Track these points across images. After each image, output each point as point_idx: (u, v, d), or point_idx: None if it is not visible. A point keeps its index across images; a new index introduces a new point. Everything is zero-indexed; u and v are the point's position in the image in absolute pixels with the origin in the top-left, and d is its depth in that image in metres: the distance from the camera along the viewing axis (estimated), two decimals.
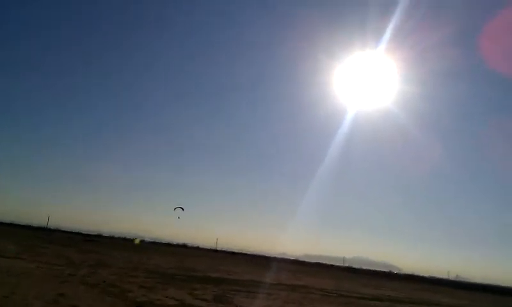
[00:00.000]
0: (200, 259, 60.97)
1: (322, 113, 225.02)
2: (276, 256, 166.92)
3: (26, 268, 19.63)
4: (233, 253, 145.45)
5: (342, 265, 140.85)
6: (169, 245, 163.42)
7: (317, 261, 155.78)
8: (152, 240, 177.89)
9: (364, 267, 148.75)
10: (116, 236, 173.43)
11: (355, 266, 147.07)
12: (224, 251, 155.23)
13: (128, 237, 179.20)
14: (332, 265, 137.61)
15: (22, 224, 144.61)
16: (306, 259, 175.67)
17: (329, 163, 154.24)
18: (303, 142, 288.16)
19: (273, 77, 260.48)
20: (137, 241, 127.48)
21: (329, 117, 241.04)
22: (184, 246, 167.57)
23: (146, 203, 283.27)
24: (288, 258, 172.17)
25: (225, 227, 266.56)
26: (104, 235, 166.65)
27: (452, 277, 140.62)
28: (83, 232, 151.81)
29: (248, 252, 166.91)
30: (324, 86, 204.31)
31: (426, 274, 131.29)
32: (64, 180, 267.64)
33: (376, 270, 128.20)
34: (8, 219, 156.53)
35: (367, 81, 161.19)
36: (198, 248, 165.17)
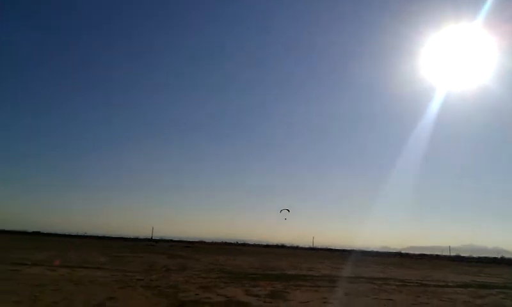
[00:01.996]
0: (289, 258, 60.81)
1: (408, 94, 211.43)
2: (378, 250, 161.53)
3: (96, 276, 20.94)
4: (330, 250, 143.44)
5: (448, 254, 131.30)
6: (267, 246, 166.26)
7: (422, 253, 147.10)
8: (252, 243, 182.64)
9: (474, 255, 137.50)
10: (218, 241, 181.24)
11: (464, 254, 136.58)
12: (321, 249, 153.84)
13: (229, 241, 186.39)
14: (437, 256, 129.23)
15: (129, 237, 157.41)
16: (411, 251, 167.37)
17: (419, 148, 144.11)
18: (387, 127, 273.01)
19: (353, 55, 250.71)
20: None
21: (416, 98, 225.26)
22: (282, 246, 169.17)
23: (246, 208, 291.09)
24: (390, 251, 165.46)
25: (322, 225, 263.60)
26: (205, 241, 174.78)
27: None
28: (185, 240, 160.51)
29: (347, 248, 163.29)
30: (411, 65, 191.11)
31: None
32: (167, 191, 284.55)
33: (486, 257, 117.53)
34: (116, 233, 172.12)
35: (460, 58, 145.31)
36: (296, 247, 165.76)
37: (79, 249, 54.19)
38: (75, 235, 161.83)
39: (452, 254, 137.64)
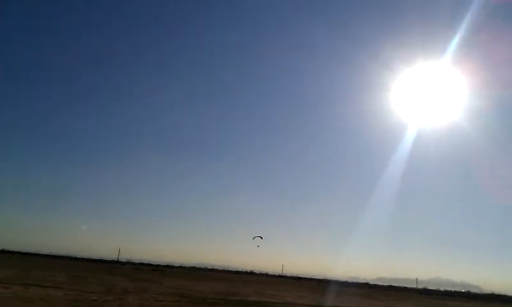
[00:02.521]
0: (255, 285, 60.32)
1: (379, 130, 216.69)
2: (347, 280, 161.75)
3: (50, 295, 20.51)
4: (299, 278, 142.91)
5: (415, 287, 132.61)
6: (236, 272, 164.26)
7: (389, 284, 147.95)
8: (222, 268, 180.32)
9: (442, 288, 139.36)
10: (187, 265, 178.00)
11: (431, 287, 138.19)
12: (290, 277, 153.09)
13: (198, 266, 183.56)
14: (405, 288, 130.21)
15: (93, 258, 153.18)
16: (379, 283, 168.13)
17: (391, 182, 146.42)
18: (360, 162, 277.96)
19: (325, 93, 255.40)
20: None
21: (387, 134, 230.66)
22: (251, 273, 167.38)
23: (217, 233, 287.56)
24: (358, 281, 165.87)
25: (292, 253, 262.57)
26: (174, 265, 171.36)
27: None
28: (153, 263, 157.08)
29: (316, 277, 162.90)
30: (382, 101, 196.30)
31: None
32: (133, 213, 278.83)
33: (451, 291, 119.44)
34: (80, 253, 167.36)
35: (430, 95, 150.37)
36: (265, 274, 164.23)
37: (41, 268, 52.58)
38: (41, 254, 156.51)
39: (420, 286, 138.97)
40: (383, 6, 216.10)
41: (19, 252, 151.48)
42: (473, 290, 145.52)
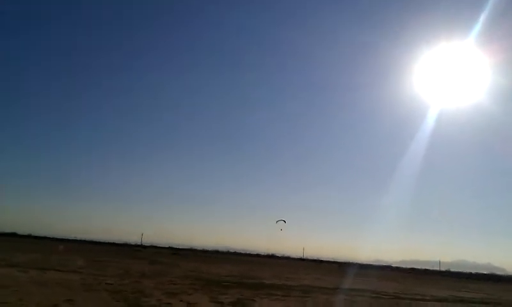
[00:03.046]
0: (275, 268, 60.58)
1: (402, 112, 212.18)
2: (369, 263, 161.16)
3: (66, 279, 20.80)
4: (320, 262, 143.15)
5: (438, 269, 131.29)
6: (257, 256, 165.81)
7: (412, 267, 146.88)
8: (244, 252, 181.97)
9: (465, 271, 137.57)
10: (208, 249, 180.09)
11: (454, 270, 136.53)
12: (311, 260, 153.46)
13: (220, 250, 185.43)
14: (426, 270, 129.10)
15: (117, 242, 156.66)
16: (402, 265, 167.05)
17: (414, 164, 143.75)
18: (382, 144, 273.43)
19: (345, 76, 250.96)
20: None
21: (410, 116, 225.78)
22: (272, 256, 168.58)
23: (240, 217, 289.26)
24: (381, 264, 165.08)
25: (313, 236, 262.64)
26: (195, 249, 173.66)
27: None
28: (175, 247, 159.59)
29: (338, 260, 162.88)
30: (404, 83, 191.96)
31: None
32: (159, 197, 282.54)
33: (476, 273, 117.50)
34: (106, 238, 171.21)
35: (453, 76, 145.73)
36: (286, 258, 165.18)
37: (63, 253, 53.77)
38: (65, 239, 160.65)
39: (443, 269, 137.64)
40: None
41: (45, 238, 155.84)
42: (497, 272, 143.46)
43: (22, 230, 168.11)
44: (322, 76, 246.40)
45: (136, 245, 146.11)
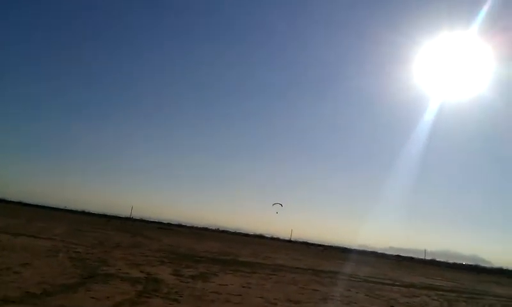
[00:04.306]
0: (257, 247, 61.21)
1: (401, 103, 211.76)
2: (356, 248, 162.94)
3: (35, 244, 21.09)
4: (307, 244, 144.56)
5: (423, 258, 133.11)
6: (246, 235, 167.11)
7: (397, 254, 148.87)
8: (233, 231, 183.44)
9: (450, 261, 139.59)
10: (199, 226, 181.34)
11: (440, 259, 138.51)
12: (299, 242, 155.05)
13: (210, 228, 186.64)
14: (412, 258, 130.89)
15: (108, 214, 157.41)
16: (390, 252, 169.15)
17: (412, 154, 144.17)
18: (379, 136, 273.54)
19: (344, 65, 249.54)
20: None
21: (410, 107, 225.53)
22: (260, 236, 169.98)
23: (235, 196, 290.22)
24: (367, 250, 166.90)
25: (302, 218, 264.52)
26: (185, 225, 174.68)
27: None
28: (165, 222, 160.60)
29: (325, 244, 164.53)
30: (404, 73, 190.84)
31: None
32: (151, 171, 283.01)
33: (459, 263, 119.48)
34: (100, 210, 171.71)
35: (455, 67, 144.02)
36: (276, 239, 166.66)
37: (47, 220, 54.05)
38: (56, 208, 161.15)
39: (428, 258, 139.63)
40: None
41: (36, 205, 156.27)
42: (483, 264, 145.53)
43: (13, 197, 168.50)
44: (320, 66, 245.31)
45: (126, 218, 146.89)
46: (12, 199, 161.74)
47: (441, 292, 24.98)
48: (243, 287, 15.75)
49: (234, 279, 17.74)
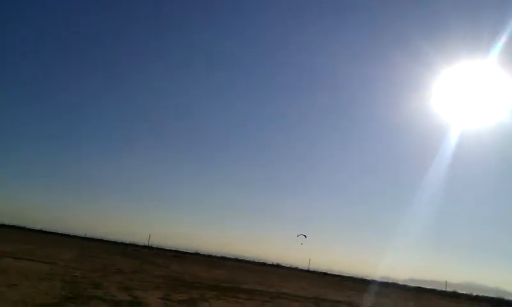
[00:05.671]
0: (267, 276, 60.45)
1: (422, 131, 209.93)
2: (376, 279, 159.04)
3: (34, 268, 21.45)
4: (324, 274, 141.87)
5: (444, 289, 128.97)
6: (263, 264, 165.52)
7: (418, 286, 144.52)
8: (251, 260, 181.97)
9: (473, 293, 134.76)
10: (216, 255, 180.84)
11: (462, 291, 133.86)
12: (316, 272, 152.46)
13: (227, 257, 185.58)
14: (432, 290, 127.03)
15: (126, 242, 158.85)
16: (411, 284, 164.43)
17: (433, 183, 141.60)
18: (398, 165, 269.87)
19: (364, 94, 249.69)
20: None
21: (430, 135, 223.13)
22: (277, 266, 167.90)
23: (255, 225, 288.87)
24: (388, 281, 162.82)
25: (323, 248, 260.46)
26: (202, 253, 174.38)
27: None
28: (181, 250, 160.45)
29: (345, 274, 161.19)
30: (424, 102, 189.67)
31: None
32: (169, 200, 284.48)
33: (481, 296, 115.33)
34: (114, 238, 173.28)
35: (474, 95, 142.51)
36: (293, 268, 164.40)
37: (59, 247, 54.80)
38: (73, 235, 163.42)
39: (450, 289, 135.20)
40: (424, 3, 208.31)
41: (56, 233, 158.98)
42: (507, 298, 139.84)
43: (34, 225, 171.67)
44: (342, 93, 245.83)
45: (143, 246, 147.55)
46: (33, 227, 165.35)
47: None
48: None
49: (226, 305, 17.65)
